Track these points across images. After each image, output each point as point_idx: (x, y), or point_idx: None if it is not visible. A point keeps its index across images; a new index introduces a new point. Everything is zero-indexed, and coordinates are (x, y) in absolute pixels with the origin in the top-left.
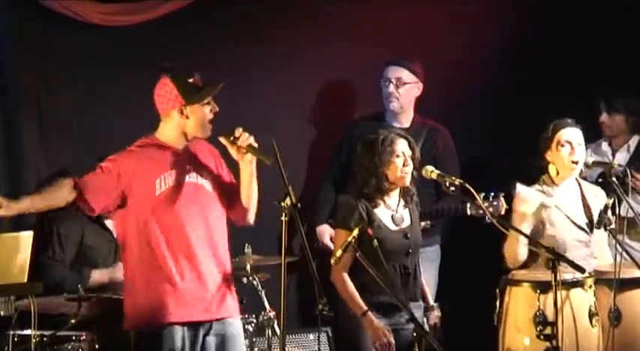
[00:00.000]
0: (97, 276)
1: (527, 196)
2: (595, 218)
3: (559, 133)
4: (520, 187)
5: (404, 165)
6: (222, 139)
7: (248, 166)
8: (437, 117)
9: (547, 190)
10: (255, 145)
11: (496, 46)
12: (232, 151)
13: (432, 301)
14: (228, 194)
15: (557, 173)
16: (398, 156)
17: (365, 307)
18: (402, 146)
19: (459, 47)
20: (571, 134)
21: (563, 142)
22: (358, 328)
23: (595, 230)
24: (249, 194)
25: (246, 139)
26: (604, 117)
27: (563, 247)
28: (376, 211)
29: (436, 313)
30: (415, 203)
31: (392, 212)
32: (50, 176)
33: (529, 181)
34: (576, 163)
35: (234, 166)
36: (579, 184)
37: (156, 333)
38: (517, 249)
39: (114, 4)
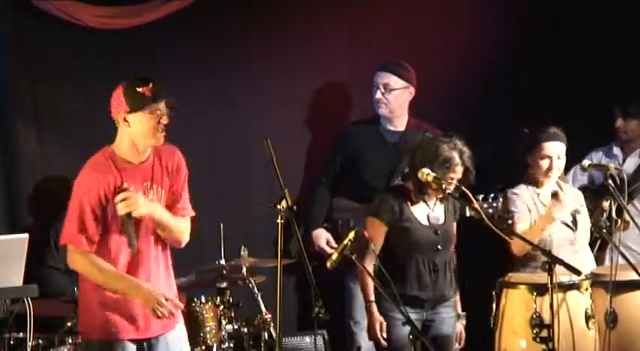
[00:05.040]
0: None
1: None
2: (578, 218)
3: (541, 146)
4: (523, 187)
5: (452, 178)
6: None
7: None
8: (435, 117)
9: (534, 190)
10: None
11: (495, 46)
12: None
13: (460, 310)
14: None
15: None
16: (454, 171)
17: (371, 298)
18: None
19: (458, 47)
20: (552, 148)
21: (543, 155)
22: None
23: (579, 228)
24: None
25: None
26: (619, 122)
27: (551, 246)
28: (413, 207)
29: (462, 322)
30: (452, 202)
31: (429, 211)
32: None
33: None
34: (552, 175)
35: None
36: (559, 185)
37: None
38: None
39: (112, 7)
